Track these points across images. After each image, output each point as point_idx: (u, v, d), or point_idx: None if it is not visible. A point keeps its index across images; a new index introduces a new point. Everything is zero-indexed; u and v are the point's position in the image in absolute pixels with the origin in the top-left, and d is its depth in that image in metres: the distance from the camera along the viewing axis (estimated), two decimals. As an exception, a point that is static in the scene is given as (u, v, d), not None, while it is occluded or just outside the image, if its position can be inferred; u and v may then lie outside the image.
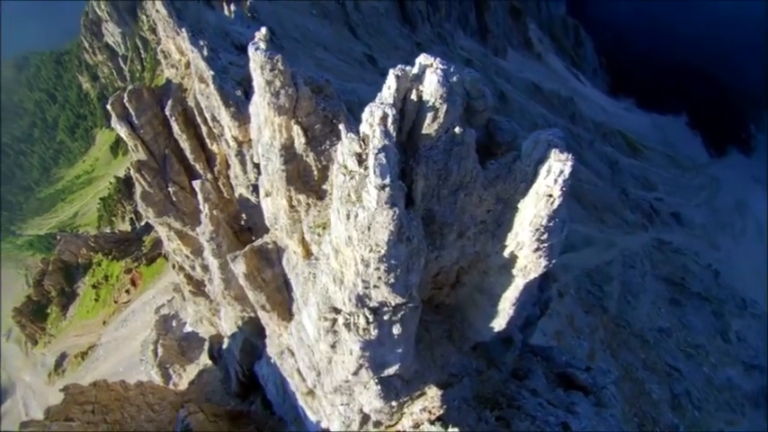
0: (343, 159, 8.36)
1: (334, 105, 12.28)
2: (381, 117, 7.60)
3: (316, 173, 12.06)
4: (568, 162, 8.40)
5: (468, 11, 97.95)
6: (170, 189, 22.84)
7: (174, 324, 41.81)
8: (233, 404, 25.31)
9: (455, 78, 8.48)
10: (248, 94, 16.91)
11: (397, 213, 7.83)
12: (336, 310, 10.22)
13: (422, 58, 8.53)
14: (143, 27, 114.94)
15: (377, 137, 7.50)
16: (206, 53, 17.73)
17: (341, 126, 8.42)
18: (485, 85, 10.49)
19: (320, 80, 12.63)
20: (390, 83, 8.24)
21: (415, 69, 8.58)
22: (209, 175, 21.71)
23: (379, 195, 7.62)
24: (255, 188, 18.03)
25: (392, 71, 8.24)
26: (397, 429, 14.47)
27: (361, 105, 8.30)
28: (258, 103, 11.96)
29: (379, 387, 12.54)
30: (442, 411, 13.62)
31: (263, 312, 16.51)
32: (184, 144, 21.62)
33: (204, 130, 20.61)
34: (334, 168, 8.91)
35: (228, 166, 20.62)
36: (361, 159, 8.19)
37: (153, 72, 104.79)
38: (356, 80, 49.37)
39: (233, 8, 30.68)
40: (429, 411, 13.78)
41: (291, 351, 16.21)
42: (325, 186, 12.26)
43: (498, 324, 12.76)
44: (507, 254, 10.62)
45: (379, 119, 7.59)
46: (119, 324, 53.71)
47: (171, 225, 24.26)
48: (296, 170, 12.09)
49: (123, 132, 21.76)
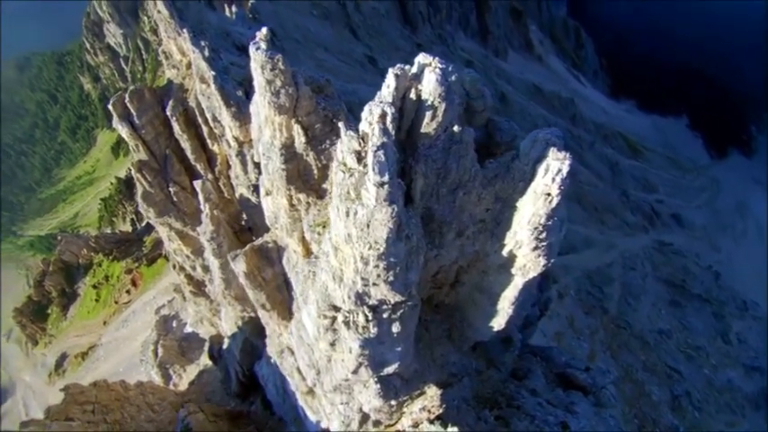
0: (343, 157, 8.39)
1: (335, 105, 12.34)
2: (380, 115, 7.65)
3: (316, 172, 12.11)
4: (566, 161, 8.44)
5: (469, 12, 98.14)
6: (171, 189, 22.92)
7: (175, 324, 41.85)
8: (233, 404, 25.31)
9: (453, 77, 8.53)
10: (249, 94, 16.97)
11: (395, 211, 7.86)
12: (336, 308, 10.25)
13: (421, 58, 8.57)
14: (144, 28, 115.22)
15: (376, 134, 7.54)
16: (207, 54, 17.82)
17: (340, 124, 8.47)
18: (484, 86, 10.56)
19: (320, 80, 12.69)
20: (389, 81, 8.30)
21: (414, 68, 8.62)
22: (209, 176, 21.78)
23: (378, 193, 7.66)
24: (256, 188, 18.08)
25: (391, 70, 8.30)
26: (397, 429, 14.48)
27: (361, 106, 8.34)
28: (259, 102, 12.02)
29: (378, 386, 12.55)
30: (441, 411, 13.62)
31: (263, 311, 16.54)
32: (185, 144, 21.69)
33: (205, 130, 20.68)
34: (334, 166, 8.95)
35: (229, 167, 20.68)
36: (360, 157, 8.23)
37: (154, 73, 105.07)
38: (357, 81, 49.46)
39: (234, 9, 30.77)
40: (428, 411, 13.78)
41: (291, 350, 16.24)
42: (325, 185, 12.30)
43: (498, 323, 12.76)
44: (506, 253, 10.65)
45: (378, 117, 7.64)
46: (119, 324, 53.76)
47: (171, 225, 24.32)
48: (296, 169, 12.14)
49: (124, 132, 21.84)
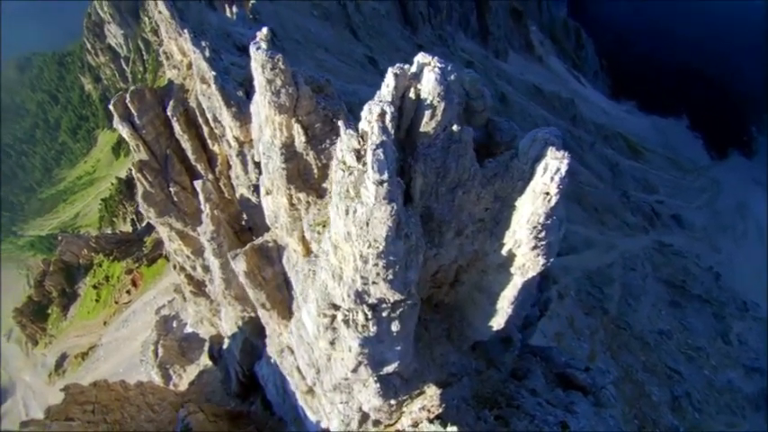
0: (342, 155, 8.42)
1: (335, 104, 12.37)
2: (379, 114, 7.69)
3: (316, 171, 12.14)
4: (565, 160, 8.46)
5: (470, 13, 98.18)
6: (171, 189, 22.96)
7: (175, 325, 41.87)
8: (233, 404, 25.31)
9: (452, 77, 8.56)
10: (249, 94, 17.01)
11: (395, 209, 7.89)
12: (335, 307, 10.27)
13: (420, 57, 8.61)
14: (145, 29, 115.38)
15: (375, 133, 7.57)
16: (208, 54, 17.86)
17: (340, 122, 8.50)
18: (484, 86, 10.59)
19: (320, 80, 12.73)
20: (389, 81, 8.33)
21: (413, 68, 8.65)
22: (210, 176, 21.81)
23: (377, 191, 7.68)
24: (256, 188, 18.11)
25: (391, 69, 8.33)
26: (397, 428, 14.48)
27: (361, 106, 8.37)
28: (259, 101, 12.06)
29: (378, 385, 12.56)
30: (440, 410, 13.63)
31: (263, 311, 16.57)
32: (186, 144, 21.73)
33: (206, 130, 20.72)
34: (334, 164, 8.98)
35: (230, 167, 20.72)
36: (359, 155, 8.26)
37: (155, 74, 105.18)
38: (357, 81, 49.48)
39: (235, 10, 30.85)
40: (428, 410, 13.78)
41: (291, 349, 16.26)
42: (325, 185, 12.33)
43: (497, 323, 12.77)
44: (505, 252, 10.67)
45: (377, 115, 7.68)
46: (119, 324, 53.78)
47: (172, 225, 24.36)
48: (296, 168, 12.18)
49: (125, 133, 21.89)
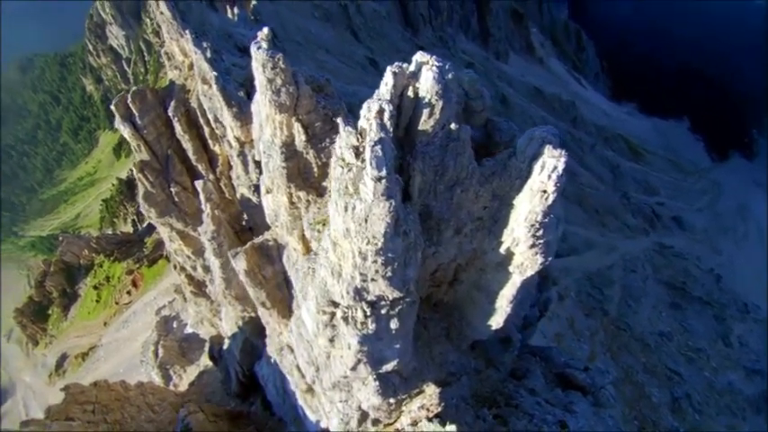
0: (341, 152, 8.49)
1: (335, 104, 12.46)
2: (378, 111, 7.77)
3: (316, 170, 12.22)
4: (562, 158, 8.53)
5: (470, 14, 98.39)
6: (172, 189, 23.04)
7: (175, 325, 41.92)
8: (233, 405, 25.32)
9: (450, 75, 8.64)
10: (250, 95, 17.09)
11: (393, 205, 7.95)
12: (335, 304, 10.33)
13: (418, 56, 8.68)
14: (147, 30, 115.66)
15: (373, 130, 7.64)
16: (209, 55, 17.96)
17: (339, 119, 8.58)
18: (482, 86, 10.67)
19: (321, 79, 12.83)
20: (387, 79, 8.41)
21: (411, 67, 8.73)
22: (211, 176, 21.89)
23: (376, 187, 7.75)
24: (257, 188, 18.19)
25: (389, 68, 8.42)
26: (396, 428, 14.50)
27: (362, 107, 8.45)
28: (260, 100, 12.16)
29: (377, 383, 12.60)
30: (440, 409, 13.65)
31: (263, 310, 16.62)
32: (187, 145, 21.82)
33: (207, 130, 20.82)
34: (333, 161, 9.06)
35: (230, 167, 20.80)
36: (358, 152, 8.33)
37: (156, 75, 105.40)
38: (358, 83, 49.56)
39: (236, 11, 30.96)
40: (427, 409, 13.81)
41: (291, 348, 16.31)
42: (324, 183, 12.40)
43: (496, 322, 12.80)
44: (504, 250, 10.72)
45: (375, 113, 7.76)
46: (120, 325, 53.84)
47: (173, 225, 24.43)
48: (296, 167, 12.26)
49: (127, 133, 21.99)
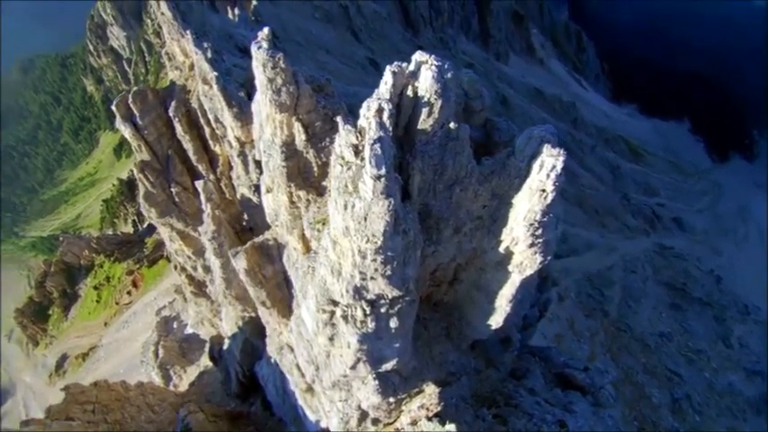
0: (341, 150, 8.54)
1: (335, 103, 12.53)
2: (377, 110, 7.83)
3: (316, 169, 12.28)
4: (560, 157, 8.57)
5: (471, 16, 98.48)
6: (173, 189, 23.09)
7: (175, 326, 41.96)
8: (233, 405, 25.33)
9: (449, 75, 8.69)
10: (251, 95, 17.14)
11: (392, 204, 7.99)
12: (334, 303, 10.37)
13: (417, 56, 8.74)
14: (147, 31, 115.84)
15: (372, 128, 7.70)
16: (210, 55, 18.03)
17: (338, 118, 8.64)
18: (482, 86, 10.73)
19: (321, 79, 12.89)
20: (387, 78, 8.47)
21: (411, 66, 8.78)
22: (211, 176, 21.95)
23: (375, 186, 7.80)
24: (257, 189, 18.24)
25: (389, 67, 8.48)
26: (396, 427, 14.53)
27: (362, 107, 8.51)
28: (260, 100, 12.21)
29: (377, 382, 12.62)
30: (439, 409, 13.68)
31: (263, 309, 16.66)
32: (187, 145, 21.88)
33: (207, 131, 20.88)
34: (332, 160, 9.11)
35: (231, 167, 20.86)
36: (357, 151, 8.38)
37: (157, 75, 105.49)
38: (358, 84, 49.62)
39: (237, 11, 31.06)
40: (427, 409, 13.84)
41: (291, 347, 16.35)
42: (325, 183, 12.46)
43: (495, 321, 12.83)
44: (503, 249, 10.76)
45: (375, 111, 7.82)
46: (120, 325, 53.88)
47: (173, 225, 24.48)
48: (296, 166, 12.32)
49: (127, 133, 22.04)
